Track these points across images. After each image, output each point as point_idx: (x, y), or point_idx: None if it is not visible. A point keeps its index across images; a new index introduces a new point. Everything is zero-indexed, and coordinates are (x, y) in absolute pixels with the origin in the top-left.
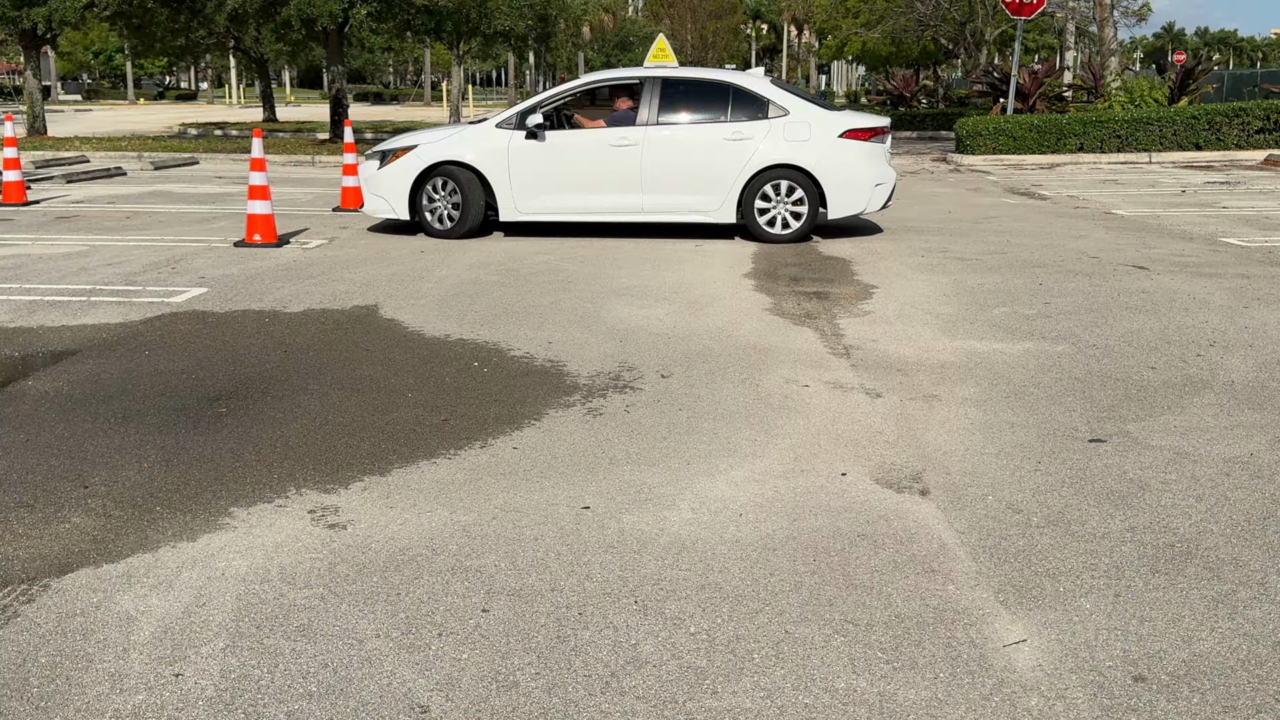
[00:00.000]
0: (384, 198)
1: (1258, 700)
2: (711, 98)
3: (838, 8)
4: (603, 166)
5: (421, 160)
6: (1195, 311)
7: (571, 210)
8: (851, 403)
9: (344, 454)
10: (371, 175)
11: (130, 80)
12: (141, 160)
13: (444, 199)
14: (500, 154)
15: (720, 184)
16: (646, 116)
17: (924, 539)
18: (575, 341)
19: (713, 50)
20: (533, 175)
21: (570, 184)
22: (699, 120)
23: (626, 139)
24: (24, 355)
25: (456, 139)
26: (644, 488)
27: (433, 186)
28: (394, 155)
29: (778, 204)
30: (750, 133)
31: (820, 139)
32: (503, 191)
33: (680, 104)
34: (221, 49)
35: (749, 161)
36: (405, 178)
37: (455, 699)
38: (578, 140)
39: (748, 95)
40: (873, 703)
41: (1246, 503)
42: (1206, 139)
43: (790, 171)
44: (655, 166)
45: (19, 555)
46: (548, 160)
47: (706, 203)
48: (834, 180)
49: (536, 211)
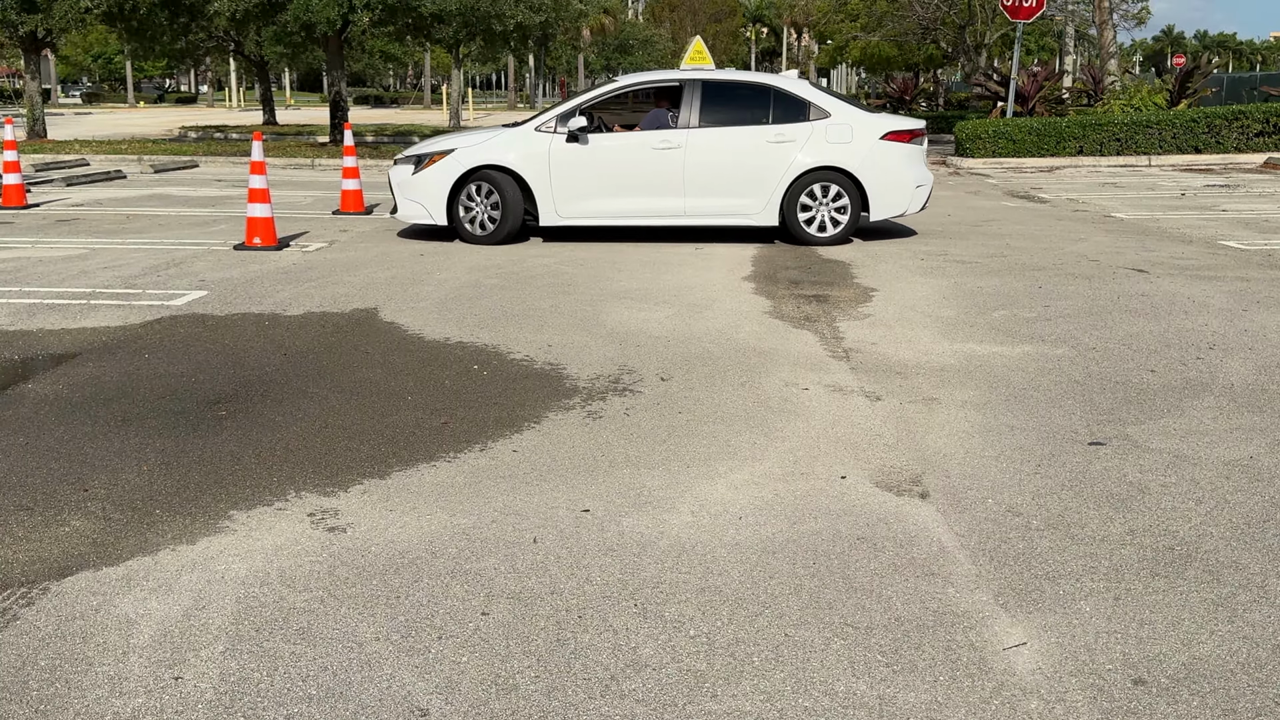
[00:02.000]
0: (420, 203)
1: (1258, 703)
2: (752, 100)
3: (838, 11)
4: (644, 169)
5: (460, 164)
6: (1195, 314)
7: (612, 214)
8: (851, 406)
9: (344, 457)
10: (406, 180)
11: (130, 83)
12: (141, 163)
13: (482, 204)
14: (541, 158)
15: (763, 186)
16: (688, 119)
17: (924, 542)
18: (575, 344)
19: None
20: (573, 179)
21: (611, 187)
22: (740, 123)
23: (669, 142)
24: (24, 358)
25: (495, 142)
26: (644, 491)
27: (469, 192)
28: (430, 160)
29: (820, 206)
30: (792, 135)
31: (862, 141)
32: (543, 196)
33: (721, 107)
34: (221, 52)
35: (792, 164)
36: (443, 182)
37: (455, 702)
38: (619, 143)
39: (789, 98)
40: (872, 705)
41: (1246, 505)
42: (1206, 142)
43: (833, 174)
44: (697, 169)
45: (18, 558)
46: (589, 163)
47: (749, 205)
48: (876, 182)
49: (577, 216)
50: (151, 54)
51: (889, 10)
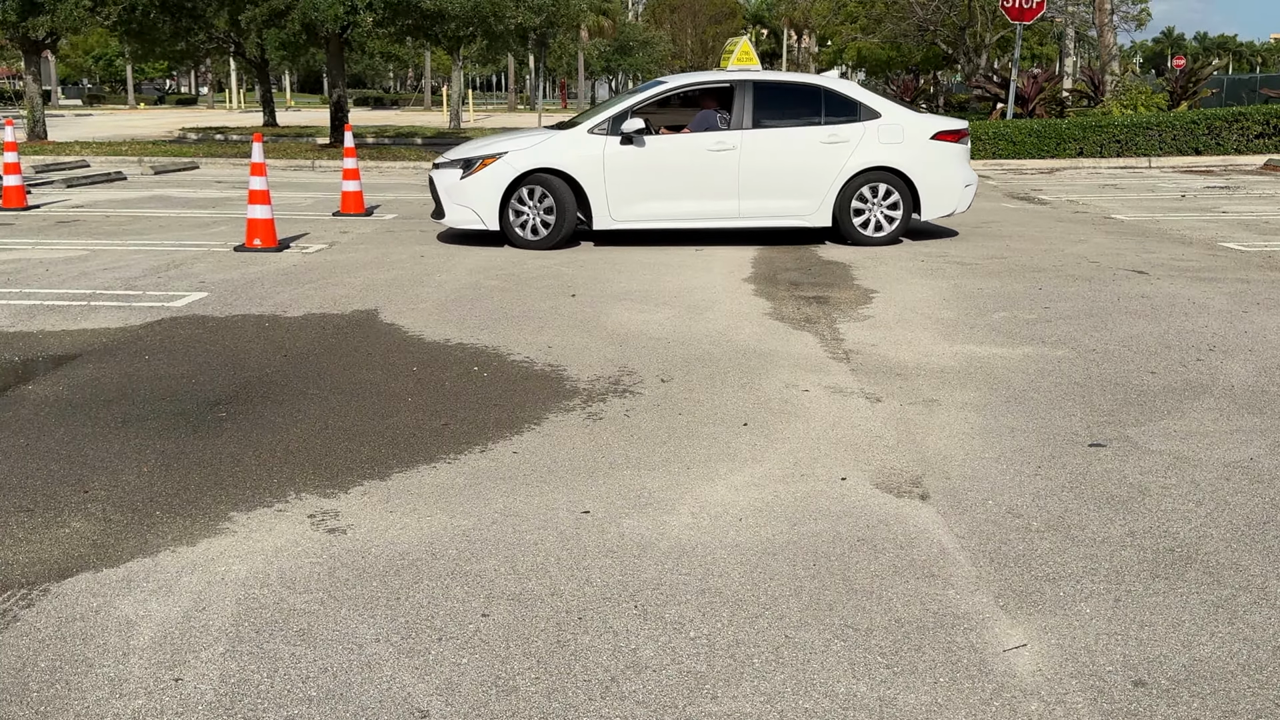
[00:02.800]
0: (470, 208)
1: (1258, 705)
2: (803, 101)
3: (837, 14)
4: (699, 172)
5: (513, 168)
6: (1195, 316)
7: (667, 217)
8: (851, 407)
9: (344, 458)
10: (454, 185)
11: (130, 85)
12: (142, 165)
13: (534, 208)
14: (595, 160)
15: (817, 187)
16: (740, 120)
17: (924, 543)
18: (575, 346)
19: (713, 55)
20: (628, 182)
21: (666, 190)
22: (792, 124)
23: (723, 143)
24: (24, 360)
25: (548, 145)
26: (644, 492)
27: (520, 196)
28: (481, 164)
29: (873, 206)
30: (846, 135)
31: (913, 141)
32: (597, 199)
33: (772, 108)
34: (222, 53)
35: (845, 164)
36: (495, 187)
37: (455, 703)
38: (674, 145)
39: (840, 98)
40: (873, 707)
41: (1246, 507)
42: (1206, 144)
43: (885, 174)
44: (752, 171)
45: (18, 560)
46: (643, 166)
47: (803, 206)
48: (927, 182)
49: (631, 219)
50: (152, 55)
51: (888, 12)
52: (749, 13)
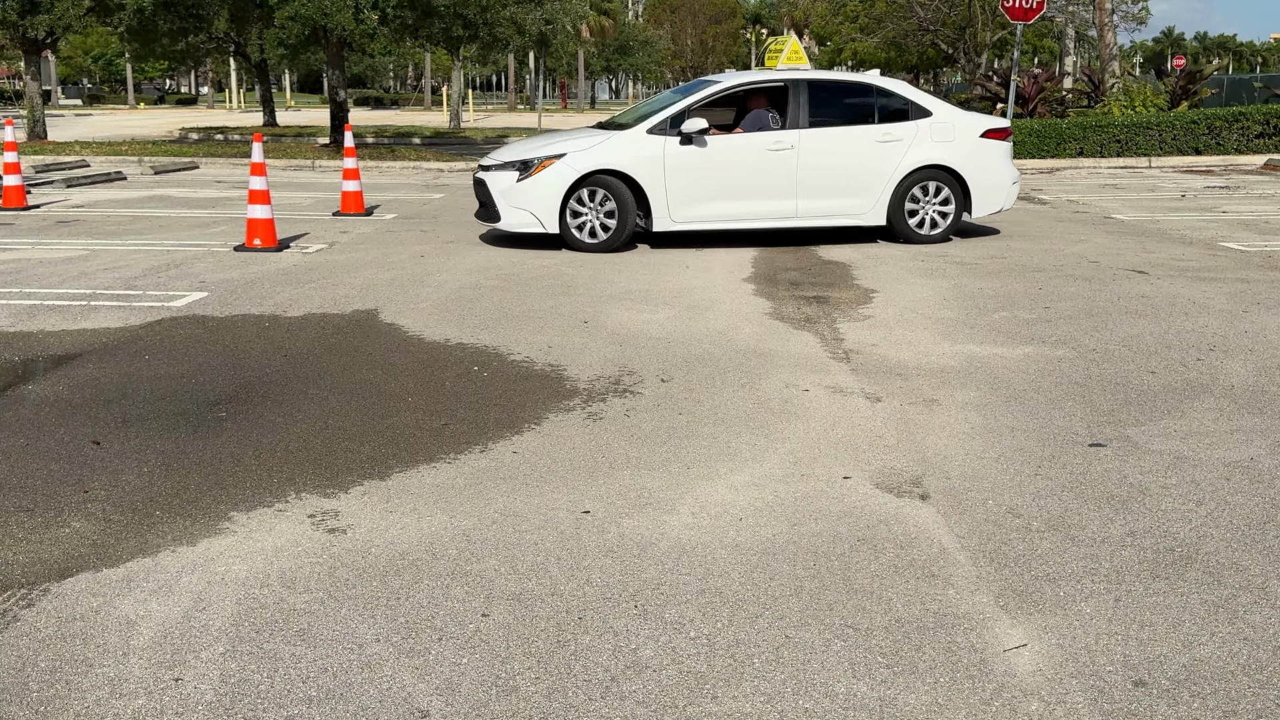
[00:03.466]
0: (529, 211)
1: (1258, 705)
2: (856, 100)
3: (837, 13)
4: (758, 171)
5: (574, 169)
6: (1195, 316)
7: (726, 218)
8: (851, 407)
9: (344, 458)
10: (510, 188)
11: (130, 84)
12: (141, 165)
13: (593, 210)
14: (655, 161)
15: (872, 186)
16: (796, 119)
17: (924, 543)
18: (575, 346)
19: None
20: (688, 183)
21: (725, 191)
22: (847, 123)
23: (782, 142)
24: (24, 359)
25: (606, 146)
26: (644, 492)
27: (579, 198)
28: (539, 165)
29: (926, 205)
30: (900, 134)
31: (963, 139)
32: (657, 201)
33: (826, 107)
34: (222, 53)
35: (900, 163)
36: (556, 189)
37: (455, 703)
38: (733, 145)
39: (892, 96)
40: (873, 707)
41: (1247, 507)
42: (1206, 144)
43: (938, 172)
44: (810, 170)
45: (18, 560)
46: (703, 166)
47: (859, 206)
48: (978, 180)
49: (690, 220)
50: (152, 55)
51: (888, 12)
52: (748, 13)
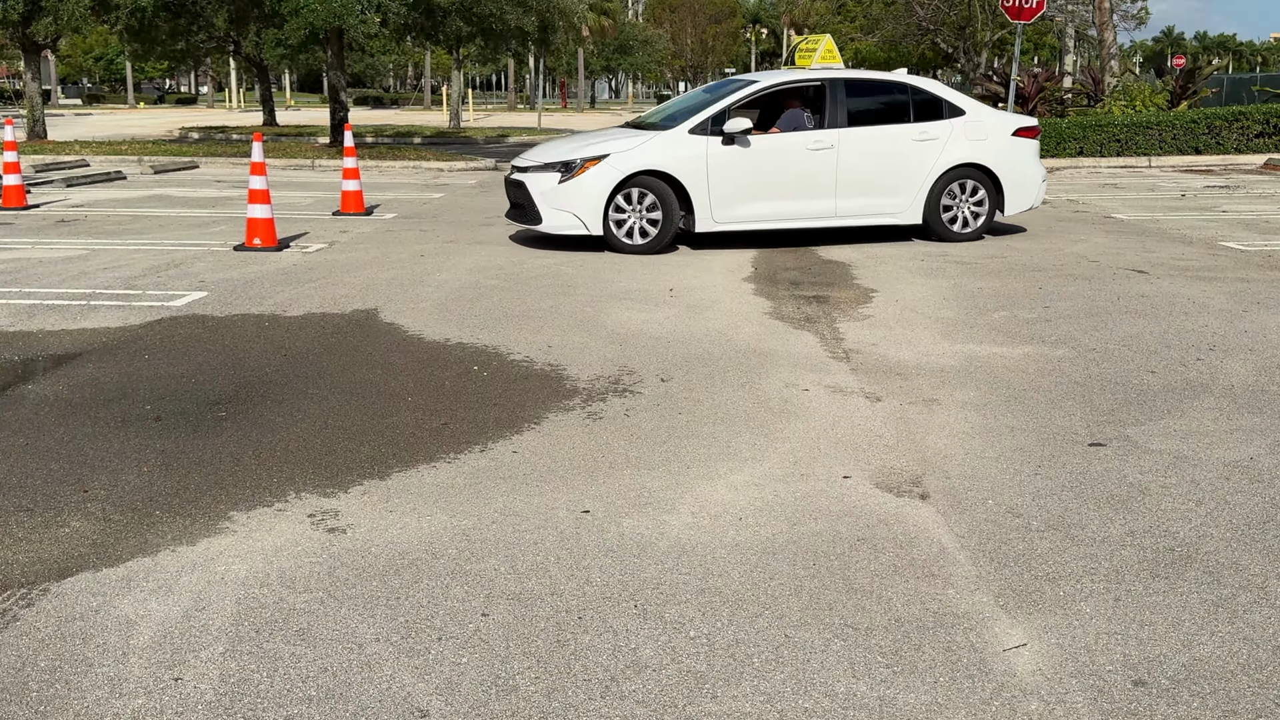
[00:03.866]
0: (572, 213)
1: (1258, 704)
2: (891, 99)
3: (836, 13)
4: (798, 171)
5: (618, 170)
6: (1195, 315)
7: (768, 218)
8: (851, 406)
9: (344, 458)
10: (552, 189)
11: (130, 84)
12: (141, 164)
13: (636, 211)
14: (698, 161)
15: (909, 185)
16: (834, 119)
17: (924, 543)
18: (575, 345)
19: (712, 55)
20: (731, 183)
21: (767, 190)
22: (883, 122)
23: (821, 142)
24: (24, 359)
25: (649, 147)
26: (644, 491)
27: (624, 198)
28: (583, 166)
29: (961, 203)
30: (935, 133)
31: (996, 137)
32: (700, 201)
33: (863, 106)
34: (221, 53)
35: (936, 161)
36: (600, 190)
37: (455, 703)
38: (775, 144)
39: (926, 95)
40: (873, 707)
41: (1246, 507)
42: (1206, 143)
43: (973, 170)
44: (849, 169)
45: (18, 559)
46: (745, 166)
47: (896, 204)
48: (1011, 178)
49: (732, 221)
50: (152, 55)
51: (888, 12)
52: (748, 12)
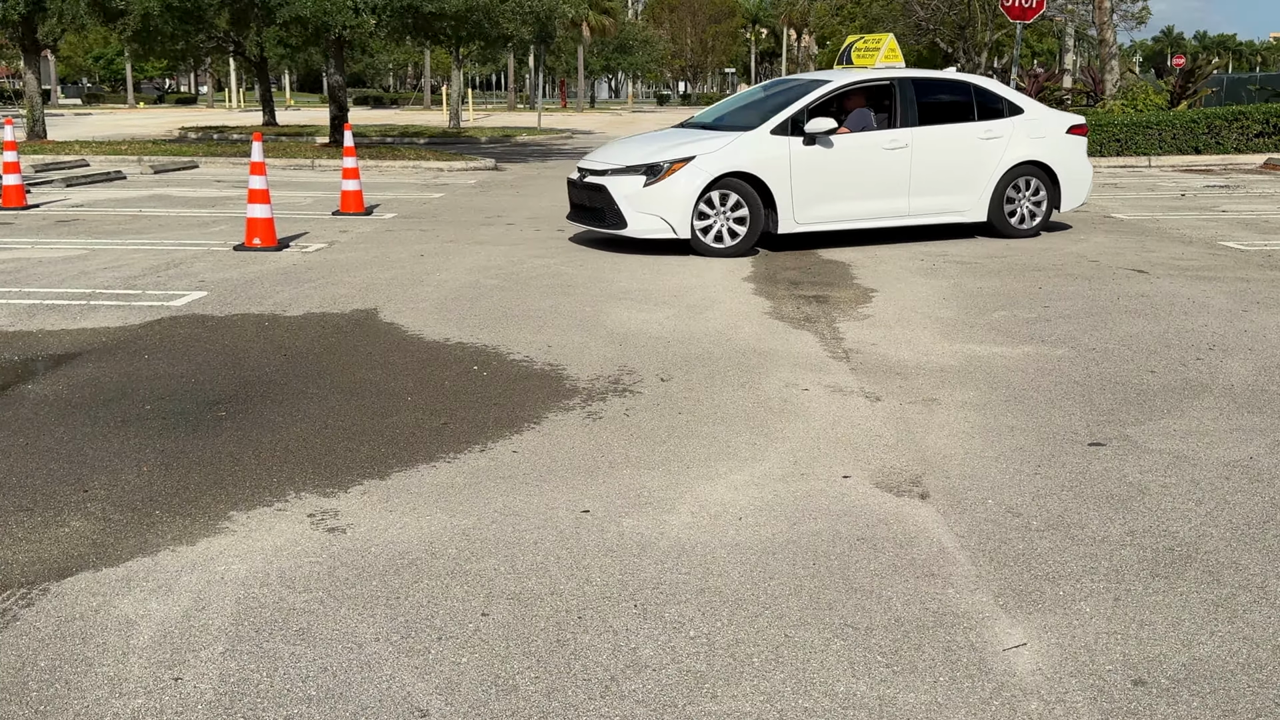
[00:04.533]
0: (660, 216)
1: (1258, 704)
2: (956, 98)
3: (836, 13)
4: (875, 171)
5: (706, 172)
6: (1195, 315)
7: (846, 218)
8: (851, 406)
9: (343, 457)
10: (637, 193)
11: (130, 84)
12: (141, 164)
13: (721, 214)
14: (781, 162)
15: (977, 183)
16: (904, 118)
17: (924, 543)
18: (575, 345)
19: (712, 55)
20: (811, 183)
21: (845, 191)
22: (949, 121)
23: (897, 141)
24: (23, 359)
25: (734, 147)
26: (643, 491)
27: (707, 202)
28: (669, 169)
29: (1021, 200)
30: (999, 131)
31: (1052, 135)
32: (783, 202)
33: (930, 105)
34: (221, 53)
35: (1001, 159)
36: (689, 193)
37: (455, 703)
38: (854, 144)
39: (988, 94)
40: (872, 706)
41: (1246, 506)
42: (1206, 143)
43: (1033, 168)
44: (922, 168)
45: (18, 559)
46: (825, 167)
47: (964, 203)
48: (1066, 175)
49: (813, 222)
50: (152, 55)
51: (887, 13)
52: (748, 12)
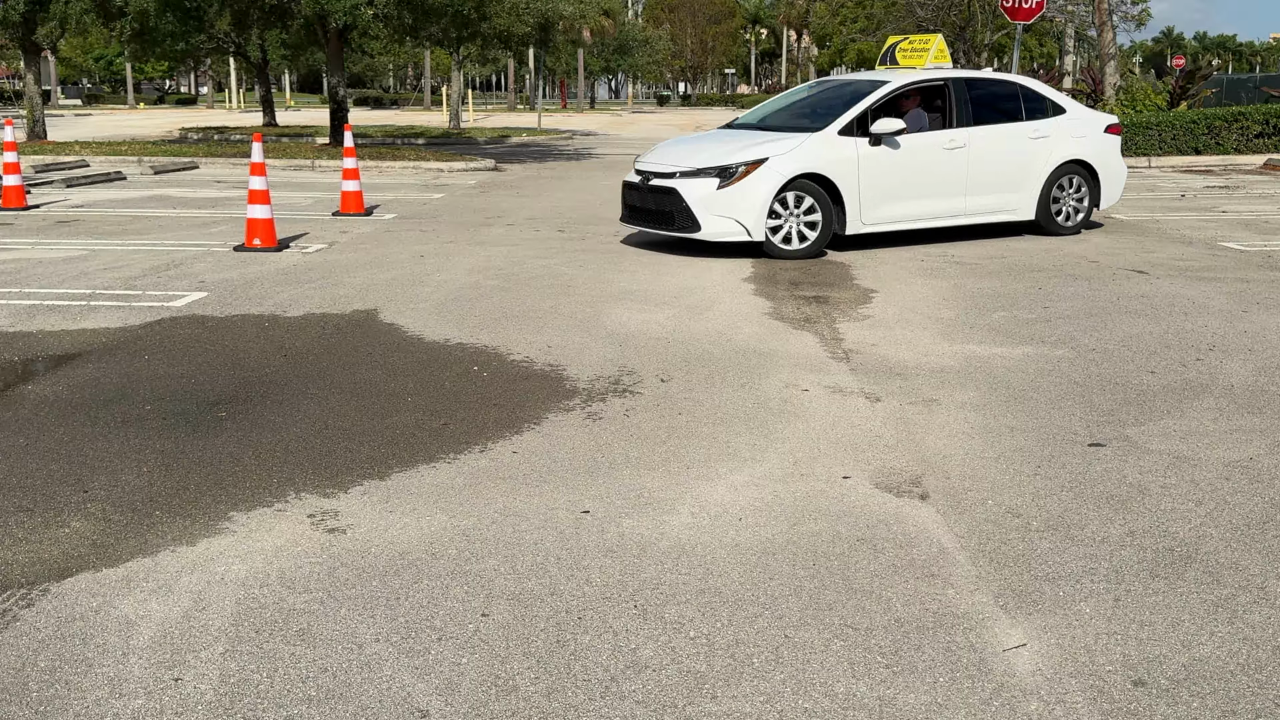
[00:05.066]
0: (733, 218)
1: (1258, 704)
2: (1005, 98)
3: (836, 13)
4: (936, 170)
5: (780, 174)
6: (1195, 316)
7: (909, 218)
8: (851, 407)
9: (343, 458)
10: (710, 195)
11: (130, 85)
12: (141, 165)
13: (793, 216)
14: (850, 163)
15: (1028, 182)
16: (959, 118)
17: (924, 543)
18: (575, 345)
19: (712, 55)
20: (877, 184)
21: (908, 191)
22: (1000, 121)
23: (955, 141)
24: (23, 359)
25: (805, 149)
26: (643, 492)
27: (779, 203)
28: (743, 171)
29: (1065, 199)
30: (1046, 130)
31: (1092, 134)
32: (851, 203)
33: (982, 106)
34: (222, 53)
35: (1049, 158)
36: (764, 195)
37: (455, 703)
38: (916, 144)
39: (1033, 94)
40: (872, 707)
41: (1246, 507)
42: (1206, 143)
43: (1077, 167)
44: (978, 168)
45: (18, 560)
46: (890, 167)
47: (1016, 201)
48: (1106, 173)
49: (878, 222)
50: (152, 56)
51: (887, 13)
52: (748, 12)
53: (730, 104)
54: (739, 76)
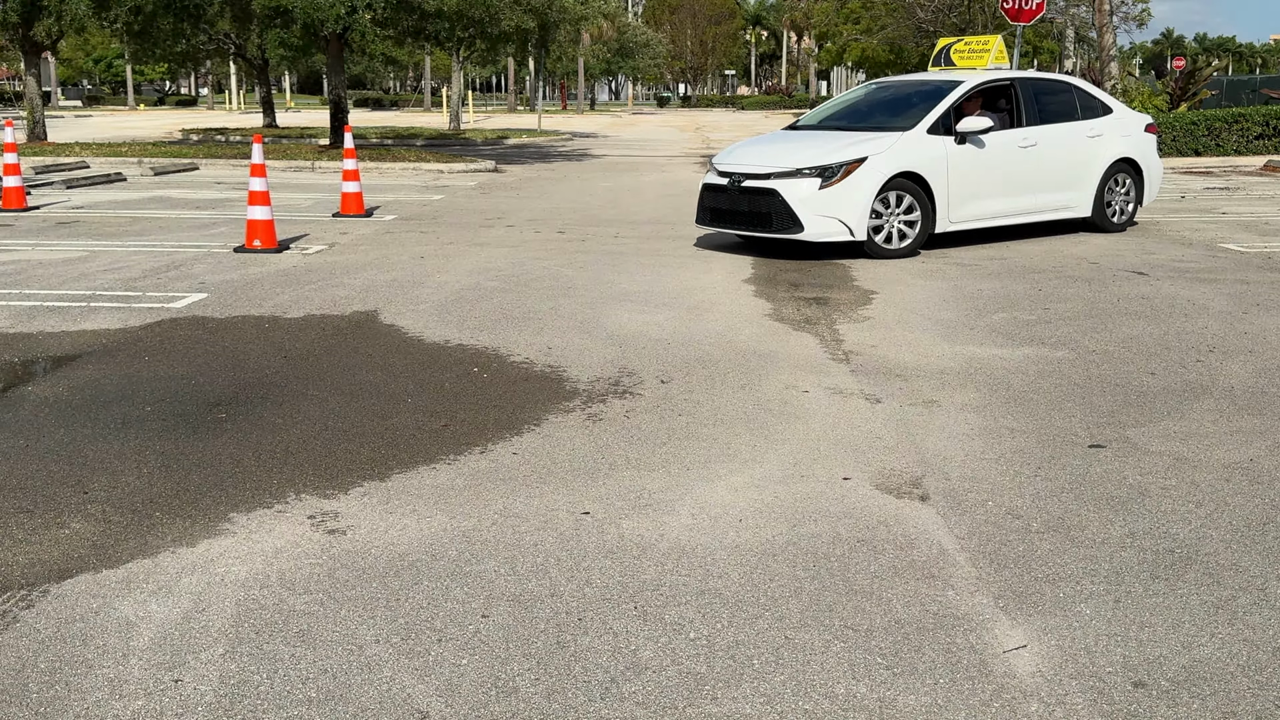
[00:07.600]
0: (836, 218)
1: (1258, 706)
2: (1063, 98)
3: (837, 14)
4: (1012, 168)
5: (881, 173)
6: (1195, 317)
7: (990, 216)
8: (851, 408)
9: (344, 459)
10: (812, 195)
11: (130, 86)
12: (141, 166)
13: (894, 215)
14: (940, 161)
15: (1087, 180)
16: (1026, 117)
17: (924, 544)
18: (575, 347)
19: (712, 56)
20: (962, 182)
21: (989, 189)
22: (1059, 120)
23: (1028, 139)
24: (24, 361)
25: (899, 148)
26: (644, 493)
27: (884, 201)
28: (845, 171)
29: (1115, 196)
30: (1100, 130)
31: (1136, 133)
32: (941, 202)
33: (1044, 105)
34: (222, 55)
35: (1104, 157)
36: (866, 194)
37: (455, 705)
38: (995, 143)
39: (1086, 94)
40: (872, 708)
41: (1246, 508)
42: (1206, 145)
43: (1125, 165)
44: (1046, 165)
45: (18, 561)
46: (974, 166)
47: (1076, 199)
48: (1149, 171)
49: (964, 220)
50: (152, 57)
51: (888, 14)
52: (748, 13)
53: (730, 105)
54: (739, 78)
